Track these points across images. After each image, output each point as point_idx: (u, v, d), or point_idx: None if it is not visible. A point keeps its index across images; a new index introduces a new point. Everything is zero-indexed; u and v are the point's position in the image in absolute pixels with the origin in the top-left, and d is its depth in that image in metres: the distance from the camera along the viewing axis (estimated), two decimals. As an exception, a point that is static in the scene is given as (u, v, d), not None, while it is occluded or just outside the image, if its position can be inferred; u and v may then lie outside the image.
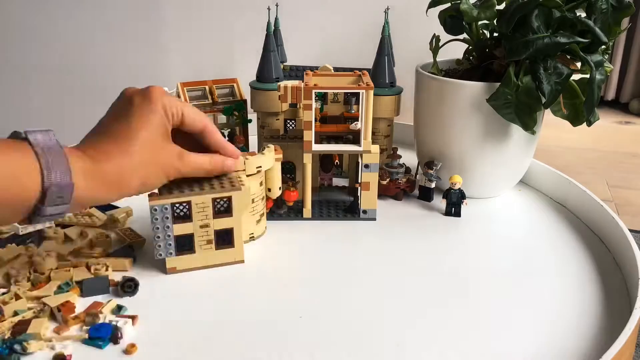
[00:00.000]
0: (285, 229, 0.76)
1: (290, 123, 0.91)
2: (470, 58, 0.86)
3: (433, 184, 0.83)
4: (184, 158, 0.59)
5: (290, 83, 0.75)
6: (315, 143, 0.75)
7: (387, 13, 0.87)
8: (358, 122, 0.74)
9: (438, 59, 0.86)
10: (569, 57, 0.74)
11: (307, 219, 0.78)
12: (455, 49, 0.86)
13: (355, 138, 0.76)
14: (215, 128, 0.64)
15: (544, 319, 0.58)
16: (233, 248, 0.66)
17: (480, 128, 0.78)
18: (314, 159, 0.82)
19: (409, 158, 0.93)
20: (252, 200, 0.69)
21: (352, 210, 0.80)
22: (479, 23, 0.81)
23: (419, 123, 0.87)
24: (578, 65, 0.75)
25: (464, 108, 0.78)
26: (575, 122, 0.78)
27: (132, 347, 0.52)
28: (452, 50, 0.86)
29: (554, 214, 0.82)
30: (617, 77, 2.04)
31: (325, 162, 0.85)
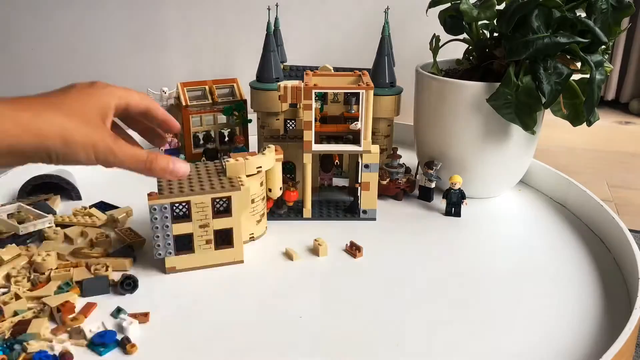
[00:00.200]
0: (285, 229, 0.76)
1: (290, 123, 0.91)
2: (470, 58, 0.86)
3: (433, 184, 0.83)
4: (119, 142, 0.53)
5: (290, 83, 0.75)
6: (315, 143, 0.75)
7: (387, 13, 0.87)
8: (358, 122, 0.74)
9: (438, 59, 0.86)
10: (569, 57, 0.74)
11: (307, 219, 0.78)
12: (455, 49, 0.86)
13: (355, 138, 0.76)
14: (158, 106, 0.60)
15: (544, 319, 0.58)
16: (232, 248, 0.66)
17: (480, 128, 0.78)
18: (314, 159, 0.82)
19: (409, 158, 0.93)
20: (252, 201, 0.69)
21: (352, 210, 0.80)
22: (479, 23, 0.81)
23: (419, 123, 0.87)
24: (578, 65, 0.75)
25: (464, 108, 0.78)
26: (575, 122, 0.78)
27: (132, 347, 0.52)
28: (452, 50, 0.86)
29: (554, 214, 0.82)
30: (617, 77, 2.04)
31: (325, 162, 0.85)
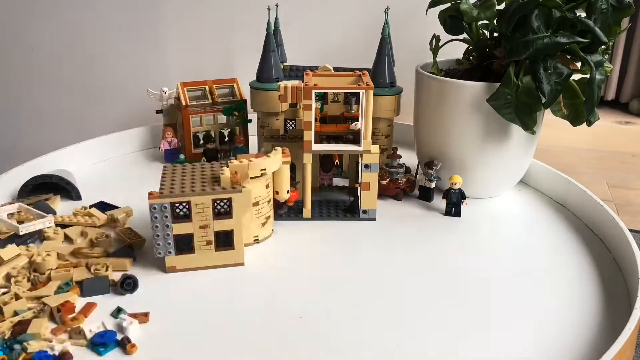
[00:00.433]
0: (285, 229, 0.76)
1: (290, 123, 0.91)
2: (470, 58, 0.86)
3: (433, 184, 0.83)
4: None
5: (290, 83, 0.75)
6: (315, 143, 0.75)
7: (387, 13, 0.87)
8: (358, 122, 0.74)
9: (438, 59, 0.86)
10: (569, 57, 0.74)
11: (307, 219, 0.78)
12: (455, 49, 0.86)
13: (355, 138, 0.76)
14: None
15: (544, 319, 0.58)
16: (233, 250, 0.66)
17: (480, 128, 0.78)
18: (314, 159, 0.82)
19: (409, 158, 0.93)
20: (257, 203, 0.69)
21: (352, 210, 0.80)
22: (479, 23, 0.81)
23: (419, 123, 0.87)
24: (578, 65, 0.75)
25: (464, 108, 0.78)
26: (575, 122, 0.78)
27: (132, 347, 0.52)
28: (452, 50, 0.86)
29: (554, 214, 0.82)
30: (617, 77, 2.04)
31: (325, 162, 0.85)
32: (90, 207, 0.79)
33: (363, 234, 0.75)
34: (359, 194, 0.77)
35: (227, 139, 1.00)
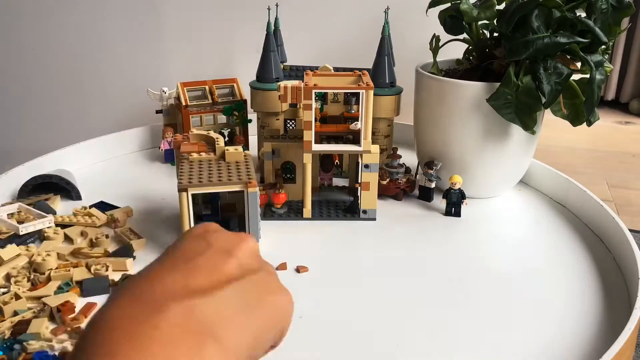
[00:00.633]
0: (285, 229, 0.76)
1: (290, 123, 0.91)
2: (470, 58, 0.86)
3: (433, 184, 0.83)
4: None
5: (290, 83, 0.75)
6: (315, 143, 0.75)
7: (387, 13, 0.87)
8: (358, 122, 0.74)
9: (438, 59, 0.86)
10: (569, 57, 0.74)
11: (307, 219, 0.78)
12: (455, 49, 0.86)
13: (355, 138, 0.76)
14: None
15: (544, 319, 0.58)
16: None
17: (480, 128, 0.78)
18: (314, 159, 0.82)
19: (409, 158, 0.93)
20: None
21: (352, 210, 0.80)
22: (479, 23, 0.81)
23: (419, 123, 0.87)
24: (578, 65, 0.75)
25: (464, 108, 0.78)
26: (575, 122, 0.78)
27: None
28: (452, 50, 0.86)
29: (554, 214, 0.82)
30: (617, 77, 2.04)
31: (325, 162, 0.85)
32: (90, 207, 0.79)
33: (363, 234, 0.75)
34: (359, 194, 0.77)
35: (227, 139, 1.00)
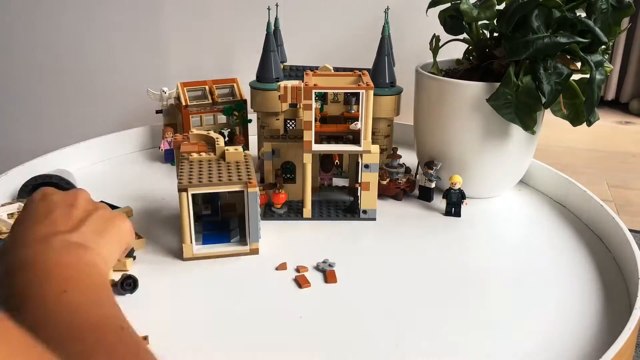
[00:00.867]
0: (285, 229, 0.76)
1: (290, 123, 0.91)
2: (470, 58, 0.86)
3: (433, 184, 0.83)
4: None
5: (290, 83, 0.75)
6: (315, 143, 0.75)
7: (387, 13, 0.87)
8: (358, 122, 0.74)
9: (438, 59, 0.86)
10: (569, 57, 0.74)
11: (307, 219, 0.78)
12: (455, 49, 0.86)
13: (355, 138, 0.76)
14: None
15: (544, 319, 0.58)
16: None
17: (480, 128, 0.78)
18: (314, 159, 0.82)
19: (409, 158, 0.93)
20: None
21: (352, 210, 0.80)
22: (479, 23, 0.81)
23: (419, 123, 0.87)
24: (578, 65, 0.75)
25: (464, 108, 0.78)
26: (575, 122, 0.78)
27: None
28: (452, 50, 0.86)
29: (554, 214, 0.82)
30: (617, 77, 2.04)
31: (325, 162, 0.85)
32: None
33: (363, 234, 0.75)
34: (359, 194, 0.77)
35: (227, 139, 1.00)
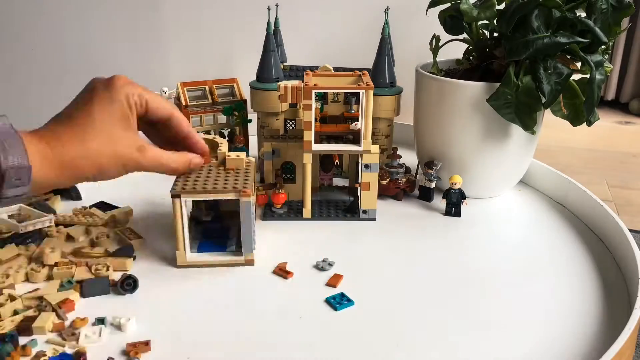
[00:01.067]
0: (285, 229, 0.76)
1: (290, 123, 0.91)
2: (470, 58, 0.86)
3: (433, 184, 0.83)
4: (146, 151, 0.57)
5: (290, 83, 0.75)
6: (315, 143, 0.75)
7: (387, 13, 0.87)
8: (358, 122, 0.74)
9: (438, 59, 0.86)
10: (569, 57, 0.74)
11: (307, 219, 0.78)
12: (455, 49, 0.86)
13: (355, 138, 0.76)
14: (184, 117, 0.63)
15: (544, 319, 0.58)
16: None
17: (480, 128, 0.78)
18: (314, 159, 0.82)
19: (409, 158, 0.93)
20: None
21: (352, 210, 0.80)
22: (479, 23, 0.81)
23: (419, 123, 0.87)
24: (578, 65, 0.75)
25: (464, 108, 0.78)
26: (575, 122, 0.78)
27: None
28: (452, 50, 0.86)
29: (554, 214, 0.82)
30: (617, 77, 2.04)
31: (325, 162, 0.85)
32: (91, 207, 0.79)
33: (363, 234, 0.75)
34: (359, 194, 0.77)
35: (227, 139, 1.00)
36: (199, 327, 0.56)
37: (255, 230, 0.68)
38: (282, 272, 0.64)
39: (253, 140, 0.98)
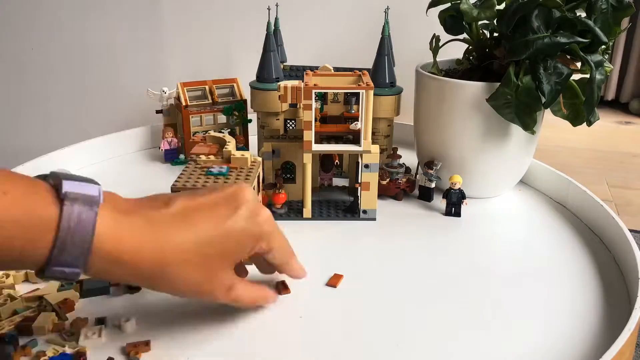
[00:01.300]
0: (285, 229, 0.76)
1: (290, 123, 0.91)
2: (470, 58, 0.86)
3: (433, 184, 0.83)
4: (231, 292, 0.50)
5: (290, 83, 0.75)
6: (315, 143, 0.75)
7: (387, 13, 0.87)
8: (358, 122, 0.74)
9: (438, 59, 0.86)
10: (569, 57, 0.74)
11: (307, 219, 0.78)
12: (455, 49, 0.86)
13: (355, 138, 0.76)
14: (295, 259, 0.56)
15: (544, 319, 0.58)
16: None
17: (480, 128, 0.78)
18: (314, 159, 0.82)
19: (409, 158, 0.93)
20: None
21: (352, 210, 0.80)
22: (479, 23, 0.81)
23: (419, 123, 0.87)
24: (578, 65, 0.75)
25: (464, 108, 0.78)
26: (575, 122, 0.78)
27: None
28: (452, 50, 0.86)
29: (554, 214, 0.82)
30: (617, 77, 2.04)
31: (325, 162, 0.85)
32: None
33: (363, 234, 0.75)
34: (359, 194, 0.77)
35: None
36: (199, 327, 0.56)
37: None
38: (281, 286, 0.63)
39: (253, 140, 0.98)
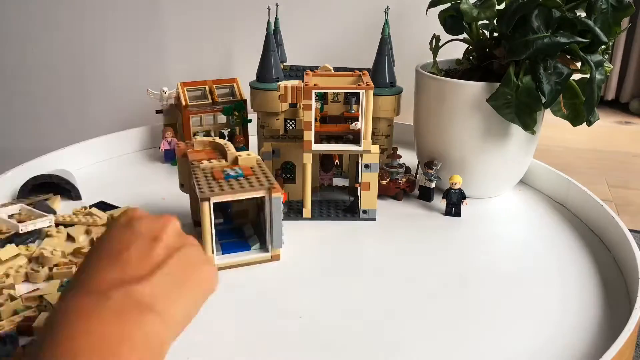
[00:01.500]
0: (285, 229, 0.76)
1: (290, 123, 0.91)
2: (470, 58, 0.86)
3: (433, 184, 0.83)
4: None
5: (290, 83, 0.75)
6: (315, 143, 0.75)
7: (387, 13, 0.87)
8: (358, 122, 0.74)
9: (438, 59, 0.86)
10: (569, 57, 0.74)
11: (307, 219, 0.78)
12: (455, 49, 0.86)
13: (355, 138, 0.76)
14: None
15: (544, 319, 0.58)
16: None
17: (480, 128, 0.78)
18: (314, 159, 0.82)
19: (409, 158, 0.93)
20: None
21: (352, 210, 0.80)
22: (479, 23, 0.81)
23: (419, 123, 0.87)
24: (578, 65, 0.75)
25: (464, 108, 0.78)
26: (575, 122, 0.78)
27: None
28: (452, 50, 0.86)
29: (554, 214, 0.82)
30: (617, 77, 2.04)
31: (325, 162, 0.85)
32: (90, 207, 0.79)
33: (363, 234, 0.75)
34: (359, 194, 0.77)
35: (227, 139, 1.00)
36: (199, 327, 0.56)
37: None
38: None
39: (253, 140, 0.98)
